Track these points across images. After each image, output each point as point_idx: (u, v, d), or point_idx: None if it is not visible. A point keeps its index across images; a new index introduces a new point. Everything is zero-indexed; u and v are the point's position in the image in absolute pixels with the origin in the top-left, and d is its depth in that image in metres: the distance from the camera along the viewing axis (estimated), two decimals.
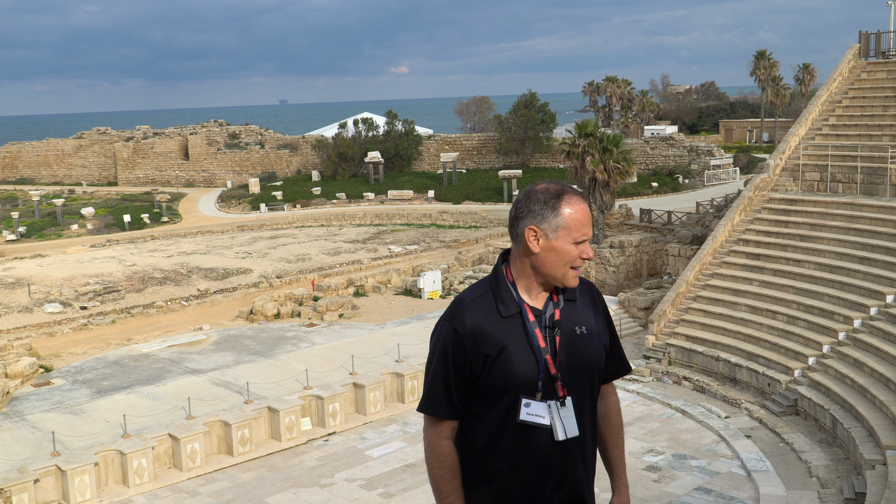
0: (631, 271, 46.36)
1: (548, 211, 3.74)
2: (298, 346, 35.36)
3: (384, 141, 76.70)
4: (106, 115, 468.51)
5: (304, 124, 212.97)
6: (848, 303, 31.02)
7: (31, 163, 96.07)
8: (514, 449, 3.81)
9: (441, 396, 3.81)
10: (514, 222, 3.82)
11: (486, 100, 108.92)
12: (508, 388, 3.74)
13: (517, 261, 3.86)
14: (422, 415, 3.94)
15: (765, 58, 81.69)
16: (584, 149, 47.54)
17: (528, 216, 3.76)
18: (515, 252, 3.87)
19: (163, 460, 25.75)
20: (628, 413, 29.84)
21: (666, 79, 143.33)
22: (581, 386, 3.88)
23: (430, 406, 3.84)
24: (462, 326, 3.74)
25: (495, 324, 3.74)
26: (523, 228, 3.77)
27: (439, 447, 3.85)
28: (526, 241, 3.77)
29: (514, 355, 3.73)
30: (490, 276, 3.89)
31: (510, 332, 3.75)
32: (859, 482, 22.55)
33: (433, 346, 3.85)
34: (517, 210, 3.81)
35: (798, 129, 40.51)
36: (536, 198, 3.76)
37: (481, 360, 3.72)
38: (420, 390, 30.70)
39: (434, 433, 3.87)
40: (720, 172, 68.86)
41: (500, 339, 3.72)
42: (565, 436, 3.81)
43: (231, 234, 60.81)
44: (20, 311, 40.53)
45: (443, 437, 3.85)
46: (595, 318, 3.99)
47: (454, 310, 3.80)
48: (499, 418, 3.79)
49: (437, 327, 3.86)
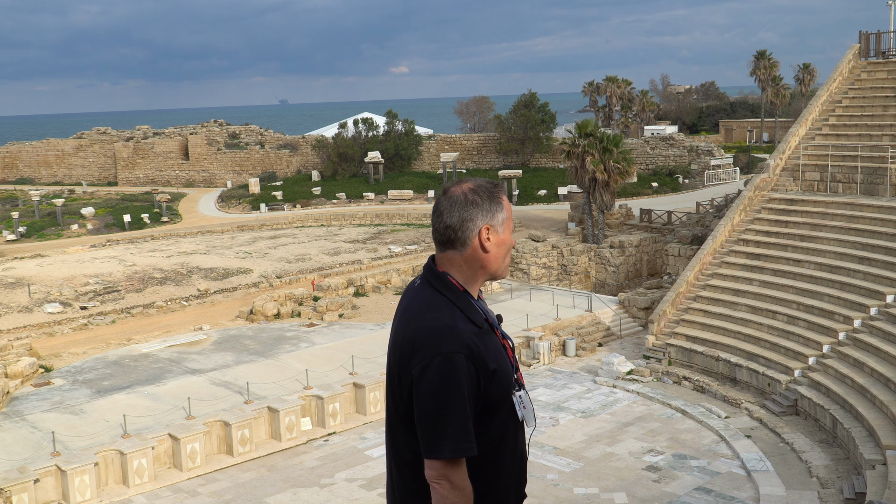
0: (631, 271, 46.35)
1: (494, 206, 3.71)
2: (298, 346, 35.36)
3: (384, 141, 76.68)
4: (106, 115, 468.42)
5: (304, 124, 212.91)
6: (848, 303, 31.02)
7: (31, 163, 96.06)
8: (509, 450, 3.80)
9: (470, 432, 3.56)
10: (459, 227, 3.69)
11: (486, 100, 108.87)
12: (507, 395, 3.73)
13: (463, 267, 3.75)
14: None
15: (765, 58, 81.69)
16: (584, 149, 47.55)
17: (479, 217, 3.69)
18: (458, 258, 3.74)
19: (163, 460, 25.75)
20: (628, 413, 29.85)
21: (666, 79, 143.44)
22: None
23: (466, 447, 3.54)
24: (470, 353, 3.57)
25: (480, 338, 3.65)
26: (476, 230, 3.69)
27: (467, 487, 3.61)
28: (480, 242, 3.70)
29: (502, 360, 3.72)
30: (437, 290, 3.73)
31: (490, 340, 3.71)
32: (859, 482, 22.55)
33: (443, 384, 3.52)
34: (461, 214, 3.69)
35: (798, 129, 40.51)
36: (477, 198, 3.71)
37: (490, 377, 3.63)
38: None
39: (460, 475, 3.57)
40: (720, 172, 68.85)
41: (491, 351, 3.68)
42: (534, 422, 3.86)
43: (231, 234, 60.80)
44: (20, 311, 40.53)
45: (465, 476, 3.61)
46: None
47: (450, 339, 3.56)
48: (501, 426, 3.75)
49: (441, 363, 3.53)
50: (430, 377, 3.53)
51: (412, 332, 3.64)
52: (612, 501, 23.35)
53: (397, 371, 3.70)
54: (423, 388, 3.54)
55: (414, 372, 3.58)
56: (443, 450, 3.52)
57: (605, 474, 24.92)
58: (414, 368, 3.58)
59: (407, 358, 3.62)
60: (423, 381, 3.54)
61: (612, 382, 32.57)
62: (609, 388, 32.19)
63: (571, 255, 46.62)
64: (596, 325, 38.08)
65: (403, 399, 3.68)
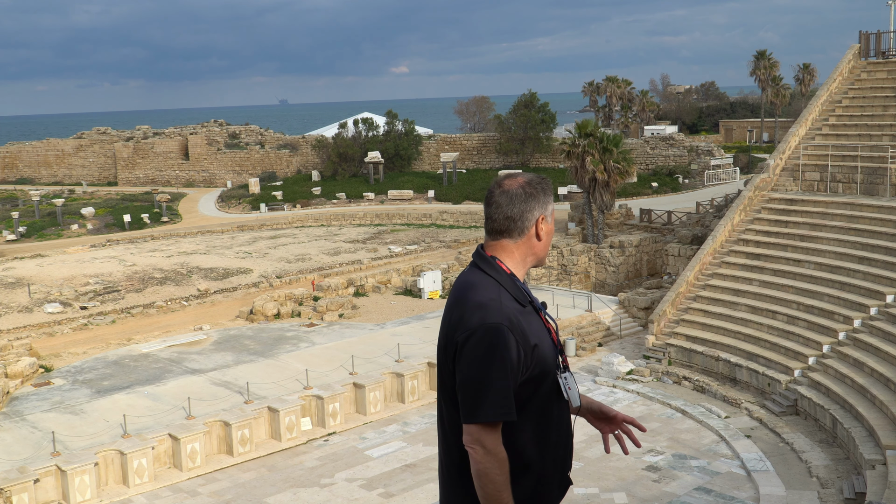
0: (631, 271, 46.35)
1: (547, 198, 4.03)
2: (298, 346, 35.36)
3: (384, 141, 76.67)
4: (106, 115, 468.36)
5: (304, 124, 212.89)
6: (848, 303, 31.01)
7: (31, 163, 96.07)
8: (551, 429, 3.99)
9: (510, 399, 3.74)
10: (519, 217, 3.98)
11: (486, 100, 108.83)
12: (548, 372, 3.92)
13: (515, 253, 4.02)
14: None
15: (765, 58, 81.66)
16: (584, 149, 47.55)
17: (537, 207, 3.99)
18: (511, 245, 4.02)
19: (163, 460, 25.75)
20: (628, 413, 29.79)
21: (666, 79, 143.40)
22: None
23: (504, 411, 3.72)
24: (511, 325, 3.77)
25: (524, 315, 3.88)
26: (534, 220, 3.99)
27: (500, 453, 3.77)
28: (537, 231, 4.01)
29: (544, 339, 3.93)
30: (484, 273, 3.95)
31: (533, 319, 3.93)
32: (859, 482, 22.55)
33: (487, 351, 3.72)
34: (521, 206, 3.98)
35: (798, 129, 40.51)
36: (533, 190, 4.00)
37: (531, 352, 3.83)
38: (420, 390, 30.76)
39: (494, 440, 3.75)
40: (720, 172, 68.85)
41: (533, 328, 3.89)
42: (578, 402, 4.10)
43: (231, 234, 60.80)
44: (20, 311, 40.53)
45: (500, 443, 3.79)
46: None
47: (494, 311, 3.77)
48: (541, 403, 3.93)
49: (484, 332, 3.73)
50: (474, 345, 3.73)
51: (460, 305, 3.87)
52: (612, 501, 23.35)
53: (443, 344, 3.92)
54: (467, 356, 3.75)
55: (459, 340, 3.78)
56: (480, 414, 3.72)
57: (605, 474, 24.92)
58: (459, 337, 3.78)
59: (454, 328, 3.83)
60: (467, 349, 3.75)
61: (612, 382, 32.57)
62: (609, 388, 32.19)
63: (571, 255, 46.63)
64: (596, 325, 38.08)
65: (449, 370, 3.87)
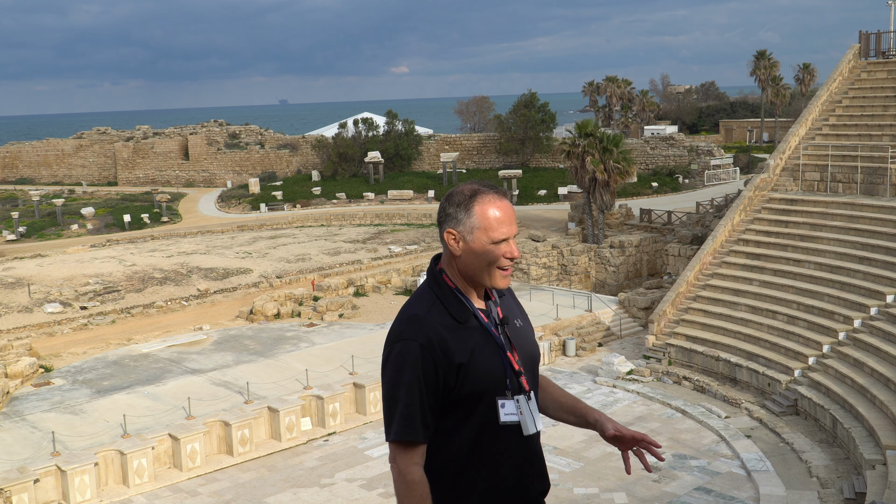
0: (631, 271, 46.35)
1: (461, 212, 3.70)
2: (298, 346, 35.36)
3: (384, 141, 76.65)
4: (106, 115, 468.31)
5: (304, 124, 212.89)
6: (848, 303, 31.02)
7: (31, 163, 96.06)
8: (493, 453, 3.78)
9: (418, 420, 3.66)
10: (438, 227, 3.82)
11: (486, 100, 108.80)
12: (485, 393, 3.72)
13: (449, 266, 3.83)
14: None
15: (765, 58, 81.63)
16: (584, 149, 47.55)
17: (447, 220, 3.74)
18: (445, 256, 3.84)
19: (163, 460, 25.74)
20: (628, 413, 29.84)
21: (666, 79, 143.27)
22: (534, 378, 3.93)
23: (409, 431, 3.66)
24: (429, 342, 3.63)
25: (456, 332, 3.69)
26: (443, 232, 3.76)
27: (410, 475, 3.69)
28: (447, 246, 3.76)
29: (483, 358, 3.71)
30: (429, 286, 3.83)
31: (471, 336, 3.72)
32: (859, 482, 22.55)
33: (396, 369, 3.66)
34: (439, 215, 3.79)
35: (798, 129, 40.51)
36: (452, 200, 3.74)
37: (454, 372, 3.66)
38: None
39: (406, 460, 3.69)
40: (720, 172, 68.84)
41: (467, 346, 3.69)
42: (535, 429, 3.81)
43: (231, 234, 60.79)
44: (20, 311, 40.52)
45: (414, 464, 3.70)
46: (521, 309, 4.04)
47: (414, 327, 3.67)
48: (476, 426, 3.75)
49: (399, 349, 3.67)
50: (389, 362, 3.70)
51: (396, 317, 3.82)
52: (612, 501, 23.36)
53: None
54: (384, 372, 3.74)
55: (383, 354, 3.78)
56: (390, 432, 3.69)
57: (605, 474, 24.92)
58: (384, 351, 3.78)
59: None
60: (384, 366, 3.74)
61: (612, 382, 32.57)
62: (609, 388, 32.19)
63: (571, 255, 46.62)
64: (596, 325, 38.08)
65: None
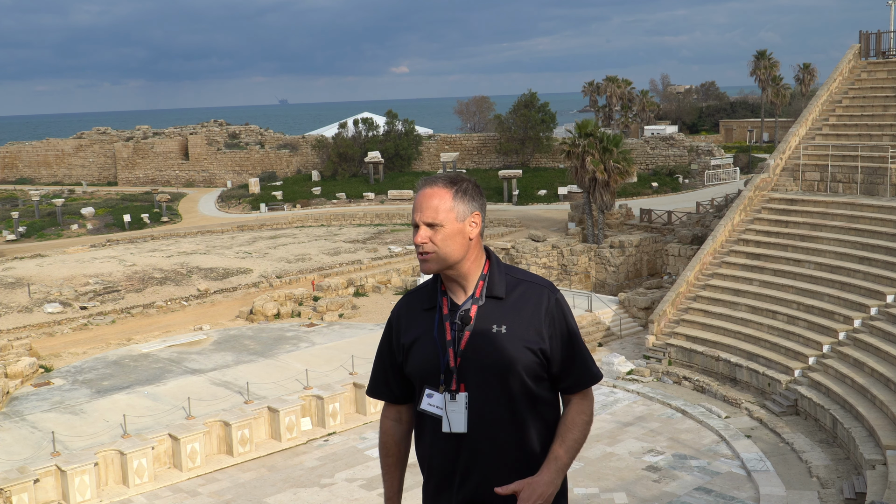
0: (631, 271, 46.35)
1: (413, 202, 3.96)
2: (298, 346, 35.36)
3: (384, 141, 76.65)
4: (106, 115, 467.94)
5: (304, 124, 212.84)
6: (848, 303, 31.01)
7: (31, 163, 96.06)
8: (428, 439, 3.94)
9: (379, 378, 4.06)
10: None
11: (486, 100, 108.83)
12: (416, 378, 3.92)
13: None
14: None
15: (765, 58, 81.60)
16: (584, 149, 47.55)
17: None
18: None
19: (163, 460, 25.74)
20: (628, 413, 29.85)
21: (666, 79, 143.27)
22: (488, 384, 3.76)
23: (372, 388, 4.10)
24: (395, 315, 4.00)
25: (416, 315, 3.92)
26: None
27: (382, 425, 4.11)
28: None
29: (421, 346, 3.86)
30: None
31: (424, 323, 3.89)
32: (859, 482, 22.55)
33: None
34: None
35: (798, 129, 40.50)
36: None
37: (400, 349, 3.95)
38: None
39: (382, 413, 4.14)
40: (720, 172, 68.84)
41: (415, 330, 3.90)
42: (450, 429, 3.79)
43: (231, 234, 60.79)
44: (20, 311, 40.52)
45: (385, 417, 4.11)
46: (529, 320, 3.79)
47: (399, 300, 4.05)
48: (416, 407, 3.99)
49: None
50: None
51: None
52: (612, 501, 23.35)
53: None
54: None
55: None
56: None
57: (605, 474, 24.92)
58: None
59: None
60: None
61: (612, 382, 32.57)
62: (609, 388, 32.19)
63: (571, 255, 46.62)
64: (596, 324, 38.08)
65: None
